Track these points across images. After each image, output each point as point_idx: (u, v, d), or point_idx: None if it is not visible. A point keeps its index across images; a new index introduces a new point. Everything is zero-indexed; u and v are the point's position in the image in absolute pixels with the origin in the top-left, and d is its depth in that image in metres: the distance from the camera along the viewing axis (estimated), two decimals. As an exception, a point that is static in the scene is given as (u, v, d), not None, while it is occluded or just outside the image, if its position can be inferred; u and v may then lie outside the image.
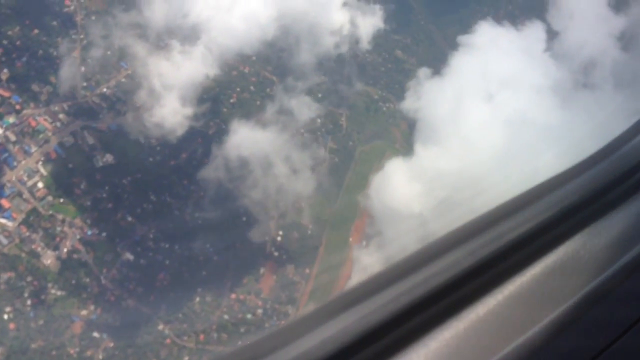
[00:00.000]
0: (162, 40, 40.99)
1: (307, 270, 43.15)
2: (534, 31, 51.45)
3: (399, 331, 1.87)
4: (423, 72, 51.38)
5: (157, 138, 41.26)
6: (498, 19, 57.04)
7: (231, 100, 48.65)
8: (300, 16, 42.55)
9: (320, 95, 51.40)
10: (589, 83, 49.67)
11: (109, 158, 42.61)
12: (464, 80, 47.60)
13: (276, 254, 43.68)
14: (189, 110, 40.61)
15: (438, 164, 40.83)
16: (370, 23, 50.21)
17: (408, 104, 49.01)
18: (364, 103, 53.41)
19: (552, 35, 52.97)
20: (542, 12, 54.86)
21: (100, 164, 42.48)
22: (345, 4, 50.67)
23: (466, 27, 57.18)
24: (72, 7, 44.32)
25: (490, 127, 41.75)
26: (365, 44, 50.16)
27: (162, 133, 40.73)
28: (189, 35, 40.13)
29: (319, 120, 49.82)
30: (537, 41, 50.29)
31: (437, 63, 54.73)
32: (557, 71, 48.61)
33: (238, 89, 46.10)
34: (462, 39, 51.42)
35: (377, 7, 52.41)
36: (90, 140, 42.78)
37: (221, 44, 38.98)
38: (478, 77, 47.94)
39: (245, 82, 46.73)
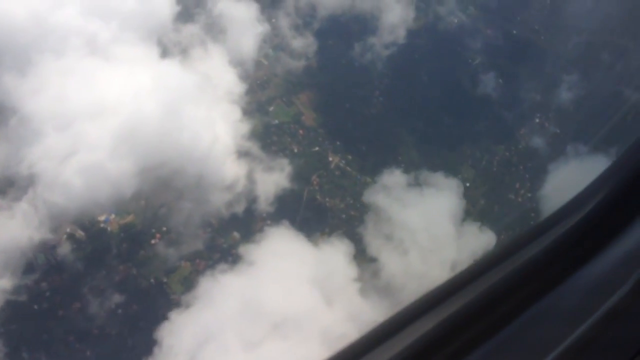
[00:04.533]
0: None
1: None
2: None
3: None
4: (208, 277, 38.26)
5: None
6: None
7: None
8: (179, 169, 35.85)
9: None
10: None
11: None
12: (231, 310, 32.82)
13: None
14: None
15: None
16: (272, 180, 42.24)
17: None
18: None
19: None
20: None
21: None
22: (244, 155, 43.13)
23: (452, 170, 50.14)
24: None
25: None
26: (264, 204, 42.02)
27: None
28: (18, 188, 33.85)
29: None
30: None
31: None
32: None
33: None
34: (243, 249, 38.30)
35: (286, 161, 44.54)
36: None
37: (52, 202, 32.33)
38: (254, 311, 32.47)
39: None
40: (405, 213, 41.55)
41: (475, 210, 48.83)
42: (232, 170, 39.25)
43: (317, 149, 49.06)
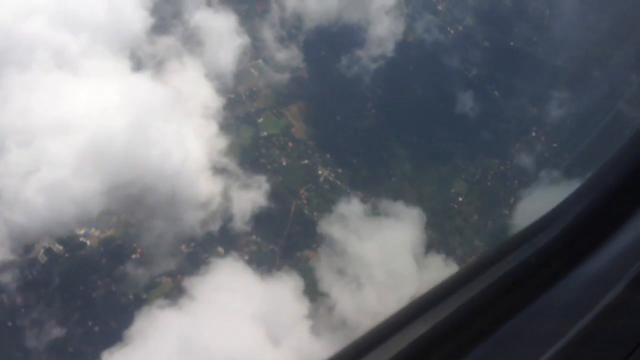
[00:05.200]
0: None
1: None
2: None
3: None
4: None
5: None
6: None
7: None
8: (152, 185, 34.69)
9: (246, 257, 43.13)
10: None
11: None
12: (168, 350, 30.04)
13: None
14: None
15: None
16: (249, 197, 40.45)
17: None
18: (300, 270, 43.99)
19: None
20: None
21: None
22: (220, 171, 41.32)
23: (445, 186, 48.99)
24: None
25: None
26: (240, 223, 40.35)
27: None
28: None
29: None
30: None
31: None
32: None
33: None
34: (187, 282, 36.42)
35: (263, 178, 42.85)
36: None
37: (12, 221, 30.96)
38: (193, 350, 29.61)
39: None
40: (362, 245, 39.48)
41: (468, 225, 47.68)
42: (214, 185, 38.09)
43: (306, 161, 48.10)
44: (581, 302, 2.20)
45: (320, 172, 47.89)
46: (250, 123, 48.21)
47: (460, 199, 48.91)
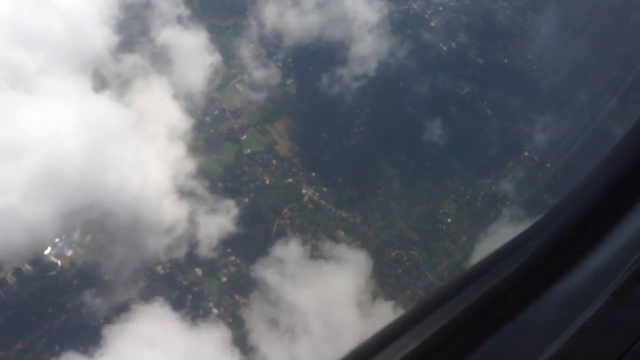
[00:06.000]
0: None
1: None
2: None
3: None
4: None
5: None
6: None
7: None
8: (115, 210, 33.15)
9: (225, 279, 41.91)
10: None
11: None
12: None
13: None
14: None
15: None
16: (216, 223, 38.69)
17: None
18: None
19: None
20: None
21: None
22: (187, 195, 39.41)
23: (434, 207, 47.64)
24: None
25: None
26: (206, 250, 38.50)
27: None
28: None
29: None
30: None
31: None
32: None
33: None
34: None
35: (233, 202, 40.82)
36: None
37: None
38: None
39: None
40: (299, 293, 36.71)
41: (457, 247, 46.32)
42: (180, 210, 36.78)
43: (290, 180, 46.93)
44: (582, 296, 2.17)
45: (304, 191, 46.73)
46: (234, 140, 47.25)
47: (450, 220, 47.55)
